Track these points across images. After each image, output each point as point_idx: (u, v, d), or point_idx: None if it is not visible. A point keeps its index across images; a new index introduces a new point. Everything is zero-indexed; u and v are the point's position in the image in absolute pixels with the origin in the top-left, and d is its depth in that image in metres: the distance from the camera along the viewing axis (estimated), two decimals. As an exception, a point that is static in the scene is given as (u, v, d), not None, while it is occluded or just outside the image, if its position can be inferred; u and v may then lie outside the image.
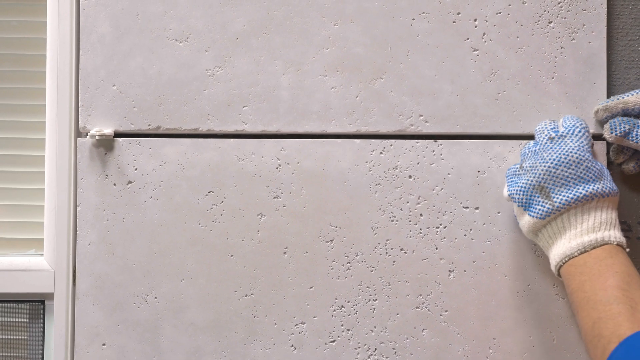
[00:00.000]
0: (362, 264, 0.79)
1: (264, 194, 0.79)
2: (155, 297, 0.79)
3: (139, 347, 0.79)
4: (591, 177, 0.68)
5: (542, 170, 0.69)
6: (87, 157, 0.80)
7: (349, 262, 0.79)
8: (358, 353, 0.79)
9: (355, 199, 0.79)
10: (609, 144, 0.78)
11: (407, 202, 0.79)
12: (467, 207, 0.79)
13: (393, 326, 0.79)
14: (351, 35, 0.80)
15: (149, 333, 0.79)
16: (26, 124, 0.88)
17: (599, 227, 0.67)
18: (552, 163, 0.69)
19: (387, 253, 0.79)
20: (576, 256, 0.67)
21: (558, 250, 0.69)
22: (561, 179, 0.68)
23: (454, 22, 0.80)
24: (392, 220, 0.79)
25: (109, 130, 0.79)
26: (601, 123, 0.77)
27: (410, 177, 0.79)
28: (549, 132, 0.72)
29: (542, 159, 0.70)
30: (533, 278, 0.78)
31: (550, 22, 0.79)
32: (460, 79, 0.79)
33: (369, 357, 0.79)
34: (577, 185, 0.68)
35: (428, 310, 0.79)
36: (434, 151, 0.79)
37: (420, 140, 0.80)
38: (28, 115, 0.88)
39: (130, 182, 0.80)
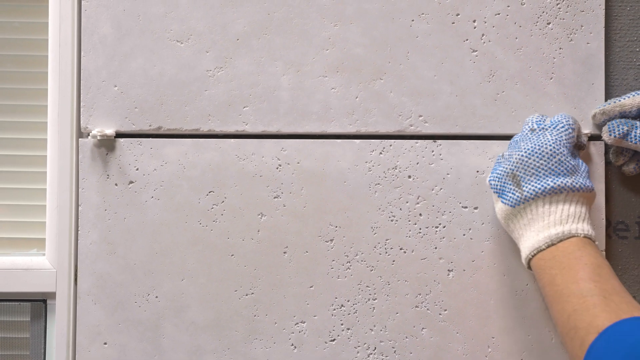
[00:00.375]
0: (361, 263, 0.79)
1: (264, 194, 0.80)
2: (157, 297, 0.80)
3: (140, 346, 0.80)
4: (562, 171, 0.69)
5: (516, 158, 0.70)
6: (89, 157, 0.81)
7: (349, 262, 0.80)
8: (358, 352, 0.79)
9: (355, 198, 0.80)
10: (607, 145, 0.79)
11: (407, 202, 0.80)
12: (466, 207, 0.80)
13: (392, 325, 0.79)
14: (351, 36, 0.80)
15: (150, 332, 0.80)
16: (28, 124, 0.88)
17: (566, 220, 0.68)
18: (525, 152, 0.70)
19: (386, 252, 0.79)
20: (544, 249, 0.68)
21: (527, 242, 0.69)
22: (532, 168, 0.69)
23: (453, 23, 0.80)
24: (392, 220, 0.80)
25: (110, 131, 0.80)
26: (599, 126, 0.78)
27: (409, 177, 0.80)
28: (532, 124, 0.73)
29: (518, 148, 0.71)
30: (531, 277, 0.79)
31: (548, 23, 0.80)
32: (460, 79, 0.80)
33: (368, 356, 0.79)
34: (546, 176, 0.69)
35: (427, 309, 0.79)
36: (433, 151, 0.80)
37: (419, 141, 0.80)
38: (30, 116, 0.88)
39: (131, 182, 0.80)
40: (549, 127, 0.72)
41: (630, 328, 0.57)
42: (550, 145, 0.70)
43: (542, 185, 0.69)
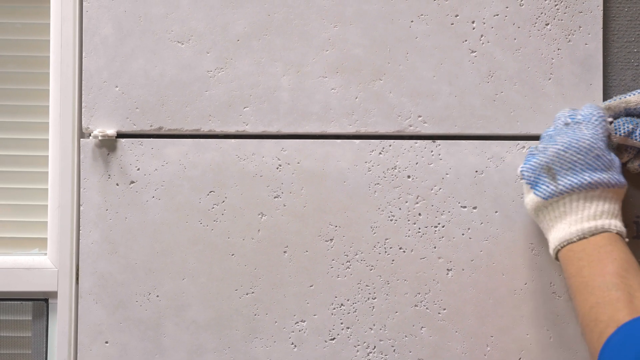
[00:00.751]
0: (361, 262, 0.80)
1: (264, 194, 0.80)
2: (157, 296, 0.80)
3: (141, 345, 0.80)
4: (599, 166, 0.69)
5: (552, 151, 0.70)
6: (90, 158, 0.81)
7: (349, 261, 0.80)
8: (357, 351, 0.80)
9: (355, 198, 0.80)
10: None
11: (406, 202, 0.80)
12: (465, 207, 0.80)
13: (392, 324, 0.80)
14: (351, 37, 0.81)
15: (151, 331, 0.80)
16: (30, 124, 0.89)
17: (600, 216, 0.68)
18: (562, 146, 0.70)
19: (386, 252, 0.80)
20: (575, 242, 0.68)
21: (557, 234, 0.70)
22: (569, 162, 0.69)
23: (452, 24, 0.81)
24: (391, 220, 0.80)
25: (111, 131, 0.80)
26: None
27: (409, 177, 0.80)
28: (565, 118, 0.73)
29: (553, 142, 0.71)
30: (530, 277, 0.79)
31: (547, 24, 0.80)
32: (459, 80, 0.80)
33: (368, 355, 0.80)
34: (583, 171, 0.69)
35: (426, 308, 0.80)
36: (432, 151, 0.80)
37: (418, 141, 0.81)
38: (32, 116, 0.89)
39: (132, 182, 0.81)
40: (583, 120, 0.71)
41: None
42: (587, 140, 0.69)
43: (579, 180, 0.69)
